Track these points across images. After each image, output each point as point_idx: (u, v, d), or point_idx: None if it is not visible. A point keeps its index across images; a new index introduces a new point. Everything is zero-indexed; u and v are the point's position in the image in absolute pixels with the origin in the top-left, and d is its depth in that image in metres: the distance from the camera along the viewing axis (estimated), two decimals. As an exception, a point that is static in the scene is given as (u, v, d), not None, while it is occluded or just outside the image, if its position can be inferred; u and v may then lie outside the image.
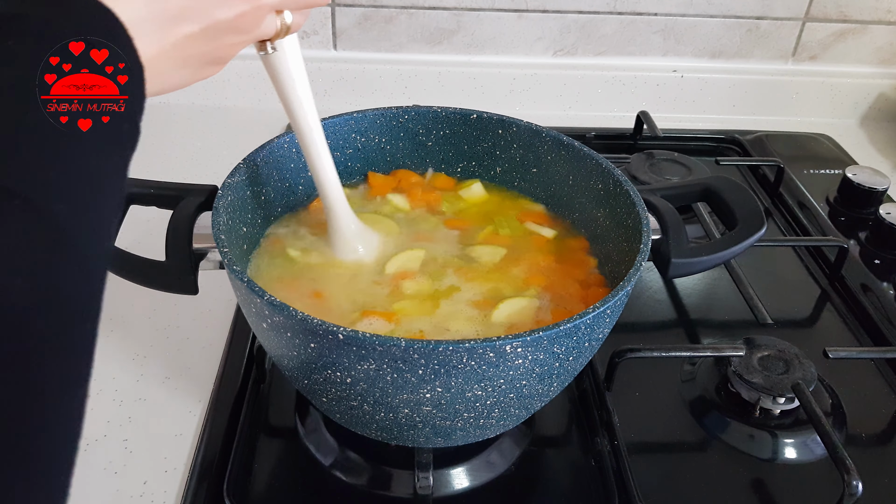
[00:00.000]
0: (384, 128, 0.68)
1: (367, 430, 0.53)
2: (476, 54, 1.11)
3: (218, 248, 0.50)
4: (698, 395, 0.66)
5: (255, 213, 0.60)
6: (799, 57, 1.15)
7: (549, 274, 0.60)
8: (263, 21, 0.42)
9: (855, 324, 0.76)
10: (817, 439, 0.59)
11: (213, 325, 0.71)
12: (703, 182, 0.63)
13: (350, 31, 1.08)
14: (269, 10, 0.42)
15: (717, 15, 1.10)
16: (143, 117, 0.35)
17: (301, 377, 0.51)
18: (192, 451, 0.59)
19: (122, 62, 0.33)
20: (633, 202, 0.57)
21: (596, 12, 1.08)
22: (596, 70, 1.12)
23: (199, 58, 0.40)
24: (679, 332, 0.74)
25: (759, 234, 0.58)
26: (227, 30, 0.39)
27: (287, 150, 0.62)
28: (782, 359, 0.64)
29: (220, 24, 0.39)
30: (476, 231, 0.64)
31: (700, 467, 0.60)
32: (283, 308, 0.45)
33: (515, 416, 0.53)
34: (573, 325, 0.45)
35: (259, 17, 0.41)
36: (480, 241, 0.63)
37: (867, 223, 0.90)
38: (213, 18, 0.38)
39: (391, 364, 0.44)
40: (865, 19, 1.12)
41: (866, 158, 1.07)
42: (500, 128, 0.67)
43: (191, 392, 0.64)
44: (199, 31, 0.38)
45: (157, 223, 0.56)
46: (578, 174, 0.64)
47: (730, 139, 1.08)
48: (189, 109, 1.06)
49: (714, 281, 0.80)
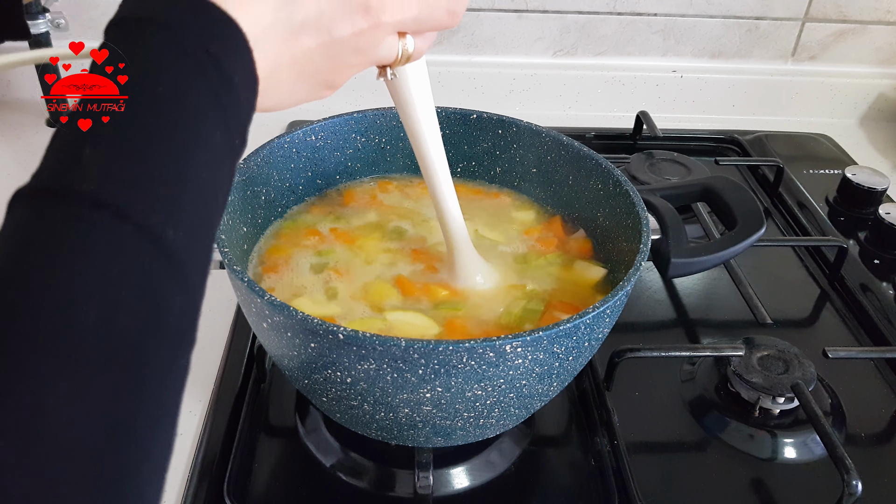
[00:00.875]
0: (384, 128, 0.68)
1: (368, 429, 0.53)
2: (476, 54, 1.11)
3: (218, 248, 0.50)
4: (698, 394, 0.66)
5: (255, 213, 0.61)
6: (798, 57, 1.15)
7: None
8: (383, 43, 0.40)
9: (854, 324, 0.76)
10: (817, 439, 0.59)
11: (214, 324, 0.71)
12: (702, 182, 0.63)
13: (350, 31, 1.07)
14: (390, 32, 0.40)
15: (717, 15, 1.10)
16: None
17: (301, 377, 0.51)
18: (193, 450, 0.59)
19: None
20: (633, 202, 0.57)
21: (595, 12, 1.08)
22: (595, 70, 1.13)
23: (315, 75, 0.38)
24: (679, 331, 0.74)
25: (759, 234, 0.58)
26: (345, 48, 0.38)
27: (287, 150, 0.63)
28: (782, 359, 0.64)
29: (338, 41, 0.37)
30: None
31: (700, 467, 0.60)
32: (283, 308, 0.45)
33: (515, 415, 0.53)
34: (573, 324, 0.45)
35: (378, 37, 0.39)
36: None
37: (867, 223, 0.90)
38: (332, 35, 0.37)
39: (391, 364, 0.44)
40: (865, 19, 1.12)
41: (866, 158, 1.07)
42: (499, 128, 0.67)
43: (191, 392, 0.64)
44: (316, 47, 0.37)
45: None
46: (578, 174, 0.64)
47: (729, 139, 1.08)
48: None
49: (714, 281, 0.80)
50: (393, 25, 0.39)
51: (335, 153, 0.66)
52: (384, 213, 0.66)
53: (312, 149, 0.65)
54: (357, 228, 0.64)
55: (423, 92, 0.50)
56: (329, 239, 0.63)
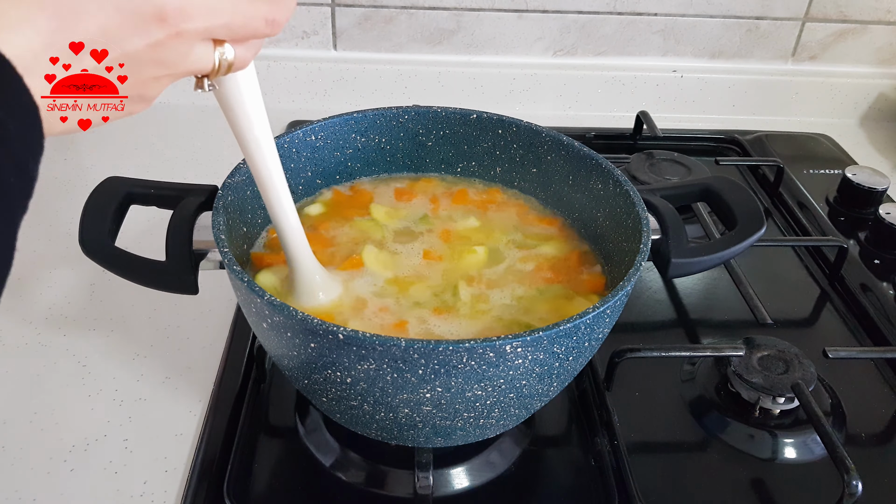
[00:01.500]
0: (384, 128, 0.68)
1: (368, 429, 0.53)
2: (476, 54, 1.11)
3: (218, 248, 0.50)
4: (698, 394, 0.66)
5: (255, 213, 0.60)
6: (799, 57, 1.15)
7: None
8: (191, 53, 0.36)
9: (854, 324, 0.76)
10: (817, 439, 0.59)
11: (214, 324, 0.71)
12: (702, 182, 0.63)
13: (350, 31, 1.08)
14: (197, 41, 0.36)
15: (717, 15, 1.10)
16: (40, 160, 0.32)
17: (301, 377, 0.51)
18: (193, 450, 0.59)
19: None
20: (633, 202, 0.57)
21: (596, 12, 1.08)
22: (596, 70, 1.12)
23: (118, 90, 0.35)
24: (679, 332, 0.74)
25: (759, 234, 0.58)
26: (143, 61, 0.35)
27: (287, 150, 0.63)
28: (782, 359, 0.64)
29: (133, 55, 0.34)
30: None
31: (700, 467, 0.60)
32: (283, 308, 0.45)
33: (515, 415, 0.53)
34: (573, 325, 0.45)
35: (182, 47, 0.35)
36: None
37: (867, 223, 0.90)
38: (124, 49, 0.34)
39: (391, 364, 0.44)
40: (865, 19, 1.12)
41: (866, 158, 1.07)
42: (499, 128, 0.67)
43: (191, 392, 0.64)
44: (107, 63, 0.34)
45: (158, 223, 0.56)
46: (578, 174, 0.64)
47: (729, 139, 1.08)
48: (189, 109, 1.06)
49: (714, 281, 0.80)
50: (199, 33, 0.36)
51: (335, 153, 0.66)
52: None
53: (312, 149, 0.65)
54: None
55: (252, 102, 0.46)
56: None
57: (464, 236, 0.64)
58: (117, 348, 0.68)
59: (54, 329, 0.70)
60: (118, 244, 0.54)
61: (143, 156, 0.98)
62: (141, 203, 0.58)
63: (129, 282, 0.54)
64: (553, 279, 0.60)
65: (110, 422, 0.61)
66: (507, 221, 0.66)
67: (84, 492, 0.56)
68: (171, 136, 1.03)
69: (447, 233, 0.64)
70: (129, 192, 0.57)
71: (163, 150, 1.00)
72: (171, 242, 0.54)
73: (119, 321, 0.71)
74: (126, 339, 0.69)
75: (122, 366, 0.67)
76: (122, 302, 0.73)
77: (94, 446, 0.59)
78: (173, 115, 1.06)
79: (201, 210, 0.56)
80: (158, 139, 1.02)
